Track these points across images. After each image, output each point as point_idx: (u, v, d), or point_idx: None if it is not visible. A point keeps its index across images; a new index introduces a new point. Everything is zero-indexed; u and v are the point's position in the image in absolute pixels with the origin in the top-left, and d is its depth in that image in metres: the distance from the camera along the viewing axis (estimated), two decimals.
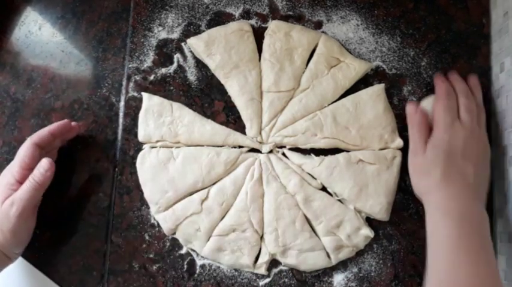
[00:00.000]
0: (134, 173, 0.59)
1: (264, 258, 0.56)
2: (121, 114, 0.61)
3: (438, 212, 0.50)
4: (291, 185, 0.56)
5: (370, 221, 0.58)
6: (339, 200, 0.57)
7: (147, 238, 0.58)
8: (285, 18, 0.62)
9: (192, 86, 0.61)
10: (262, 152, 0.58)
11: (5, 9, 0.64)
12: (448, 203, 0.50)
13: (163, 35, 0.62)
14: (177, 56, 0.61)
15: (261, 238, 0.57)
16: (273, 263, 0.58)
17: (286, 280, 0.58)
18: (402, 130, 0.60)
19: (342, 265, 0.57)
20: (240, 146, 0.58)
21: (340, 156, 0.57)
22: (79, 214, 0.60)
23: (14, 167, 0.53)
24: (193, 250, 0.58)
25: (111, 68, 0.62)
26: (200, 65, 0.61)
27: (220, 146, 0.58)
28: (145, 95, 0.59)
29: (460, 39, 0.62)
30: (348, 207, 0.56)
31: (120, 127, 0.61)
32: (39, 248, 0.59)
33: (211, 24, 0.62)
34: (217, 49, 0.58)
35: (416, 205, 0.59)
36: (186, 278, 0.58)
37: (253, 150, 0.59)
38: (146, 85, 0.61)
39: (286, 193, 0.56)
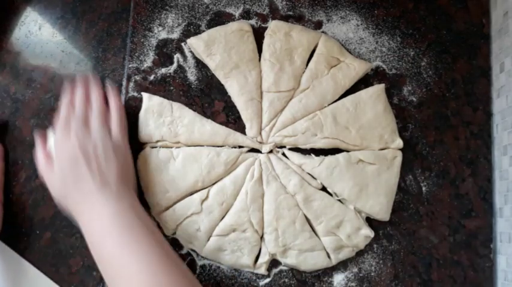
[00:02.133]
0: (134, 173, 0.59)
1: (264, 258, 0.56)
2: None
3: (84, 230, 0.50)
4: (291, 185, 0.56)
5: (370, 221, 0.58)
6: (339, 200, 0.57)
7: None
8: (285, 18, 0.62)
9: (192, 86, 0.61)
10: (262, 152, 0.58)
11: (5, 9, 0.64)
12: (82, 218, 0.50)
13: (163, 35, 0.62)
14: (177, 56, 0.61)
15: (261, 238, 0.57)
16: (273, 263, 0.58)
17: (286, 280, 0.58)
18: (402, 130, 0.60)
19: (342, 265, 0.57)
20: (240, 146, 0.58)
21: (340, 156, 0.57)
22: None
23: None
24: (193, 250, 0.58)
25: (111, 68, 0.62)
26: (200, 65, 0.61)
27: (220, 146, 0.58)
28: (145, 95, 0.59)
29: (460, 39, 0.62)
30: (348, 207, 0.56)
31: None
32: (39, 248, 0.59)
33: (211, 24, 0.62)
34: (217, 49, 0.58)
35: (416, 205, 0.59)
36: None
37: (253, 150, 0.59)
38: (146, 85, 0.61)
39: (286, 193, 0.56)
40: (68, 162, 0.51)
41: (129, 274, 0.45)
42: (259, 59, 0.59)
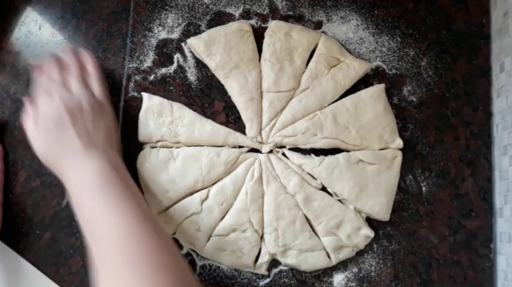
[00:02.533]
0: (134, 173, 0.59)
1: (264, 258, 0.56)
2: (121, 115, 0.61)
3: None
4: (291, 185, 0.56)
5: (370, 221, 0.58)
6: (339, 200, 0.57)
7: None
8: (285, 18, 0.62)
9: (192, 86, 0.61)
10: (262, 152, 0.58)
11: (5, 9, 0.64)
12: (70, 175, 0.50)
13: (163, 35, 0.62)
14: (177, 56, 0.61)
15: (261, 238, 0.57)
16: (273, 263, 0.58)
17: (286, 280, 0.58)
18: (402, 130, 0.60)
19: (342, 265, 0.57)
20: (240, 146, 0.58)
21: (340, 156, 0.57)
22: None
23: None
24: (193, 250, 0.58)
25: (111, 68, 0.62)
26: (200, 65, 0.61)
27: (220, 146, 0.58)
28: (145, 95, 0.59)
29: (460, 39, 0.62)
30: (348, 207, 0.56)
31: (120, 127, 0.61)
32: (39, 248, 0.59)
33: (211, 24, 0.62)
34: (217, 49, 0.58)
35: (416, 205, 0.59)
36: None
37: (253, 150, 0.59)
38: (146, 85, 0.61)
39: (286, 193, 0.56)
40: (53, 122, 0.51)
41: (108, 224, 0.46)
42: (259, 59, 0.59)
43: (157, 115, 0.58)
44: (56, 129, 0.51)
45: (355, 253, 0.57)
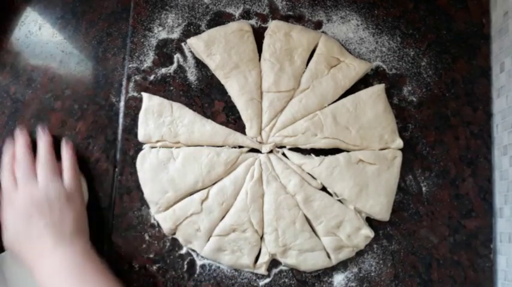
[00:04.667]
0: (134, 173, 0.59)
1: (264, 258, 0.56)
2: (121, 114, 0.61)
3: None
4: (291, 185, 0.56)
5: (370, 221, 0.58)
6: (339, 200, 0.57)
7: (147, 238, 0.58)
8: (285, 18, 0.62)
9: (192, 86, 0.61)
10: (262, 152, 0.58)
11: (5, 9, 0.64)
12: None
13: (163, 35, 0.62)
14: (177, 56, 0.61)
15: (261, 238, 0.57)
16: (273, 263, 0.58)
17: (286, 280, 0.58)
18: (402, 130, 0.60)
19: (342, 265, 0.57)
20: (240, 146, 0.58)
21: (340, 156, 0.57)
22: None
23: None
24: (193, 250, 0.58)
25: (111, 68, 0.62)
26: (200, 65, 0.61)
27: (220, 146, 0.58)
28: (145, 95, 0.59)
29: (460, 39, 0.62)
30: (348, 207, 0.56)
31: (120, 127, 0.61)
32: None
33: (211, 24, 0.62)
34: (217, 49, 0.58)
35: (416, 205, 0.59)
36: (186, 278, 0.58)
37: (253, 150, 0.59)
38: (146, 85, 0.61)
39: (286, 193, 0.56)
40: (20, 218, 0.51)
41: None
42: (259, 59, 0.59)
43: (157, 115, 0.58)
44: (22, 223, 0.51)
45: (355, 253, 0.57)
